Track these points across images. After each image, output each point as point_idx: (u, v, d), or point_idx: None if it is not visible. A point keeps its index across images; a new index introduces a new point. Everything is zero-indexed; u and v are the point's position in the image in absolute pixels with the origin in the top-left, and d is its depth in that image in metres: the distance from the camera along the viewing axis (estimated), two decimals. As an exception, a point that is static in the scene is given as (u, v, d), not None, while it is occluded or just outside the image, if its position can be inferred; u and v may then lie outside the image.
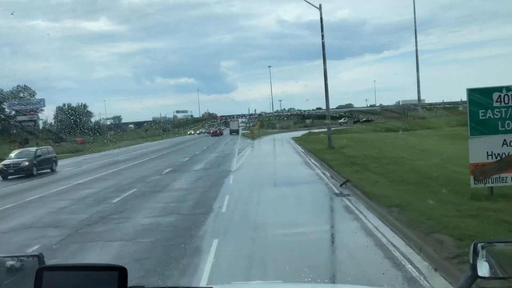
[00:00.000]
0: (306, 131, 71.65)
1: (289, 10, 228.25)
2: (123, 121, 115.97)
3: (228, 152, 35.05)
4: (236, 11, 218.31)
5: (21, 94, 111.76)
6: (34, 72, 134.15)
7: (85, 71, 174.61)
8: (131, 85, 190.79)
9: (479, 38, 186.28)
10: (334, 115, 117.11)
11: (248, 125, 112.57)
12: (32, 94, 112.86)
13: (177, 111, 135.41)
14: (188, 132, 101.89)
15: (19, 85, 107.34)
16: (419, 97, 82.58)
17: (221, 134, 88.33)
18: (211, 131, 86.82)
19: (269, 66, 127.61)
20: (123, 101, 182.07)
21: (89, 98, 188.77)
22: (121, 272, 1.48)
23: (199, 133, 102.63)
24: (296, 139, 46.26)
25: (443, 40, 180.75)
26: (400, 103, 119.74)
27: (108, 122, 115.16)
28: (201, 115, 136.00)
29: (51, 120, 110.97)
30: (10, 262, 1.84)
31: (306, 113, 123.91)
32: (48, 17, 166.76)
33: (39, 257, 1.80)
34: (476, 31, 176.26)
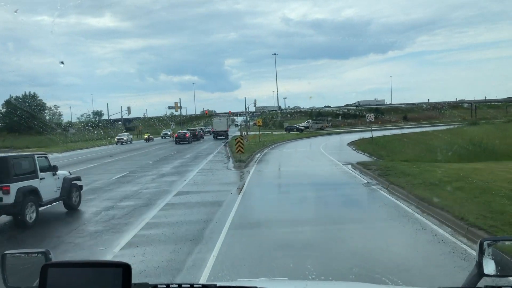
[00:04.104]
0: (346, 136, 44.67)
1: (294, 8, 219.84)
2: (113, 117, 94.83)
3: None
4: (241, 8, 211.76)
5: None
6: (38, 68, 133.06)
7: (89, 67, 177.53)
8: (135, 82, 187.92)
9: (485, 39, 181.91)
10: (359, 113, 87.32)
11: (248, 123, 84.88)
12: None
13: (170, 107, 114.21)
14: (117, 138, 55.53)
15: None
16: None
17: (198, 138, 57.40)
18: (176, 134, 52.07)
19: (275, 54, 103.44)
20: (127, 97, 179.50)
21: (93, 94, 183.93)
22: (125, 269, 1.46)
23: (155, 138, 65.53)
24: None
25: (449, 41, 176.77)
26: (359, 104, 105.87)
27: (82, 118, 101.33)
28: (199, 112, 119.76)
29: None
30: (16, 258, 1.84)
31: (317, 110, 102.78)
32: (53, 13, 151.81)
33: (45, 254, 1.78)
34: (483, 32, 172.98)
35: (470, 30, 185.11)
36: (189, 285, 1.68)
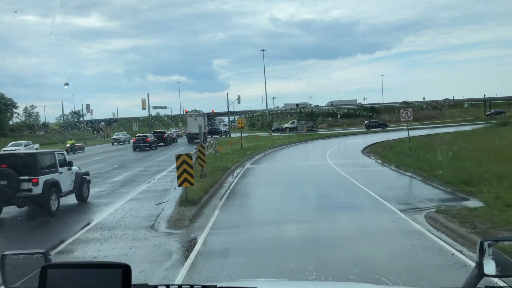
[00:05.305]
0: (348, 139, 35.87)
1: (282, 9, 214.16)
2: (94, 118, 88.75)
3: None
4: (229, 8, 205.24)
5: None
6: (24, 68, 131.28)
7: (76, 68, 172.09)
8: (122, 82, 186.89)
9: (471, 39, 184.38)
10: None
11: (234, 124, 77.82)
12: None
13: (155, 107, 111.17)
14: (8, 149, 34.22)
15: None
16: None
17: (168, 142, 48.10)
18: (134, 138, 42.74)
19: (263, 50, 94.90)
20: (114, 98, 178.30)
21: (82, 94, 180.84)
22: (125, 270, 1.44)
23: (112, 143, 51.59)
24: None
25: (436, 41, 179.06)
26: (332, 104, 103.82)
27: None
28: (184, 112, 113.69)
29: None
30: (16, 259, 1.81)
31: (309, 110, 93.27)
32: (38, 12, 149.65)
33: (45, 254, 1.76)
34: (468, 33, 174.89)
35: (456, 31, 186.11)
36: (189, 286, 1.68)
